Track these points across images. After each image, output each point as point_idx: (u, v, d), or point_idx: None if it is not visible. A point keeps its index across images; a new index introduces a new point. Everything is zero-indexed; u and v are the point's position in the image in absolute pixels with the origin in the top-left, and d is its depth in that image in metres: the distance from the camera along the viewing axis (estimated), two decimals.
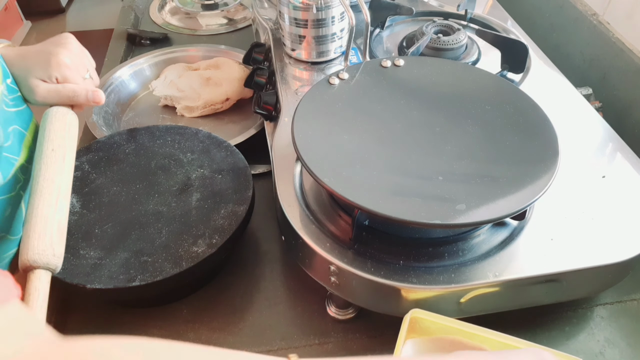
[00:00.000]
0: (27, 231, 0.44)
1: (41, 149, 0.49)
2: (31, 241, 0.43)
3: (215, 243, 0.52)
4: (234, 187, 0.57)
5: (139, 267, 0.50)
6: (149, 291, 0.50)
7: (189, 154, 0.62)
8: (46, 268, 0.43)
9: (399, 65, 0.59)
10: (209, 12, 1.10)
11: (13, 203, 0.50)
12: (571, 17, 0.83)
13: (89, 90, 0.54)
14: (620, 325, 0.52)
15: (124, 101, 0.84)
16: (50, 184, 0.47)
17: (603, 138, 0.58)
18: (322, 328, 0.53)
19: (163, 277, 0.49)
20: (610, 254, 0.46)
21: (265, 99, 0.65)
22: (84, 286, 0.48)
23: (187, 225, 0.54)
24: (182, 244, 0.52)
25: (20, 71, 0.51)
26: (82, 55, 0.56)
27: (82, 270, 0.49)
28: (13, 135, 0.50)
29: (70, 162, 0.51)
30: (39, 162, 0.48)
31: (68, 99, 0.53)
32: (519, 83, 0.67)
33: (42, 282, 0.43)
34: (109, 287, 0.48)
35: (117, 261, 0.50)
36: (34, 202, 0.46)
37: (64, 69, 0.52)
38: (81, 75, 0.55)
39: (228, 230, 0.53)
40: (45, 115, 0.52)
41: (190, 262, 0.50)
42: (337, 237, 0.48)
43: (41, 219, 0.45)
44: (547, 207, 0.50)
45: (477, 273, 0.45)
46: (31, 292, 0.41)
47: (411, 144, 0.49)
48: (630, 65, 0.70)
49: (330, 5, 0.65)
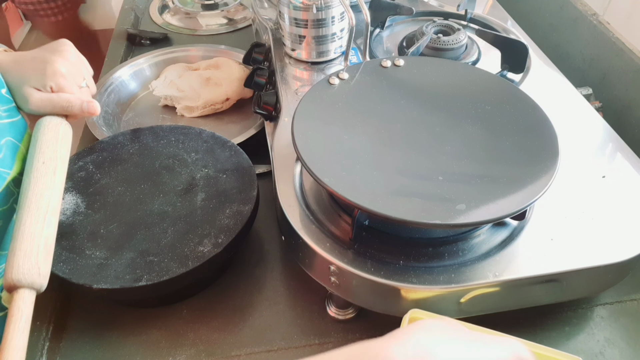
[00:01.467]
0: (13, 249, 0.42)
1: (32, 162, 0.48)
2: (16, 259, 0.42)
3: (220, 242, 0.52)
4: (238, 187, 0.57)
5: (145, 267, 0.50)
6: (156, 291, 0.50)
7: (193, 153, 0.62)
8: (30, 287, 0.42)
9: (399, 65, 0.59)
10: (209, 12, 1.10)
11: (5, 217, 0.50)
12: (571, 17, 0.83)
13: (84, 100, 0.53)
14: (620, 325, 0.52)
15: (124, 101, 0.84)
16: (39, 199, 0.45)
17: (603, 138, 0.58)
18: (322, 328, 0.53)
19: (169, 276, 0.49)
20: (610, 254, 0.46)
21: (265, 99, 0.65)
22: (90, 286, 0.48)
23: (192, 225, 0.54)
24: (187, 244, 0.52)
25: (15, 79, 0.50)
26: (79, 63, 0.55)
27: (88, 270, 0.49)
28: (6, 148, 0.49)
29: (62, 176, 0.49)
30: (28, 176, 0.47)
31: (62, 109, 0.52)
32: (519, 83, 0.67)
33: (26, 303, 0.41)
34: (115, 287, 0.48)
35: (123, 261, 0.50)
36: (22, 217, 0.44)
37: (59, 78, 0.51)
38: (77, 84, 0.54)
39: (233, 229, 0.53)
40: (37, 125, 0.50)
41: (197, 262, 0.50)
42: (337, 237, 0.48)
43: (28, 235, 0.43)
44: (547, 207, 0.50)
45: (477, 273, 0.45)
46: (14, 314, 0.40)
47: (411, 144, 0.49)
48: (630, 65, 0.70)
49: (330, 5, 0.65)
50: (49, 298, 0.54)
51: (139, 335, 0.53)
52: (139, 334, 0.53)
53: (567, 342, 0.51)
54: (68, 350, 0.52)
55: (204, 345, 0.52)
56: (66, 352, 0.52)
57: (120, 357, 0.51)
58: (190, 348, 0.52)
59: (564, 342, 0.51)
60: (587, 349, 0.50)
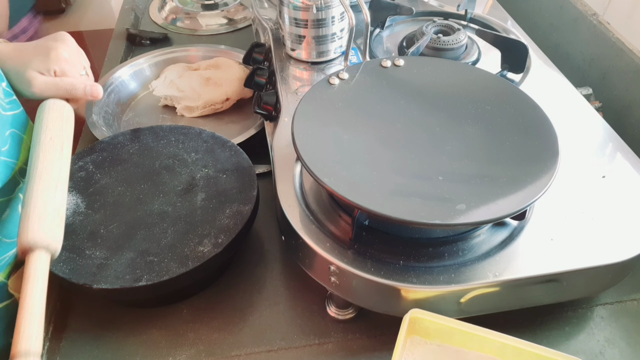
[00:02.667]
0: (27, 213, 0.42)
1: (38, 138, 0.48)
2: (31, 223, 0.41)
3: (221, 242, 0.52)
4: (238, 187, 0.57)
5: (145, 267, 0.50)
6: (156, 291, 0.50)
7: (193, 153, 0.62)
8: (46, 249, 0.42)
9: (399, 65, 0.59)
10: (209, 12, 1.10)
11: (11, 206, 0.50)
12: (571, 17, 0.83)
13: (87, 84, 0.54)
14: (620, 325, 0.52)
15: (124, 101, 0.84)
16: (49, 169, 0.46)
17: (603, 138, 0.58)
18: (322, 328, 0.53)
19: (169, 276, 0.49)
20: (610, 254, 0.46)
21: (265, 99, 0.65)
22: (90, 286, 0.48)
23: (192, 225, 0.54)
24: (187, 244, 0.52)
25: (18, 64, 0.51)
26: (79, 52, 0.57)
27: (88, 270, 0.49)
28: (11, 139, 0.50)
29: (68, 153, 0.49)
30: (36, 149, 0.47)
31: (66, 92, 0.53)
32: (519, 83, 0.67)
33: (43, 263, 0.41)
34: (115, 287, 0.48)
35: (123, 261, 0.50)
36: (33, 185, 0.44)
37: (63, 62, 0.52)
38: (78, 71, 0.55)
39: (234, 229, 0.53)
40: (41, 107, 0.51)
41: (197, 262, 0.50)
42: (337, 237, 0.48)
43: (41, 201, 0.43)
44: (547, 207, 0.50)
45: (477, 273, 0.45)
46: (31, 274, 0.40)
47: (411, 144, 0.49)
48: (630, 65, 0.70)
49: (330, 5, 0.65)
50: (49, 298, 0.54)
51: (139, 335, 0.53)
52: (139, 334, 0.53)
53: (567, 342, 0.51)
54: (68, 350, 0.52)
55: (204, 345, 0.52)
56: (66, 352, 0.52)
57: (120, 357, 0.51)
58: (190, 348, 0.52)
59: (564, 342, 0.51)
60: (587, 349, 0.50)
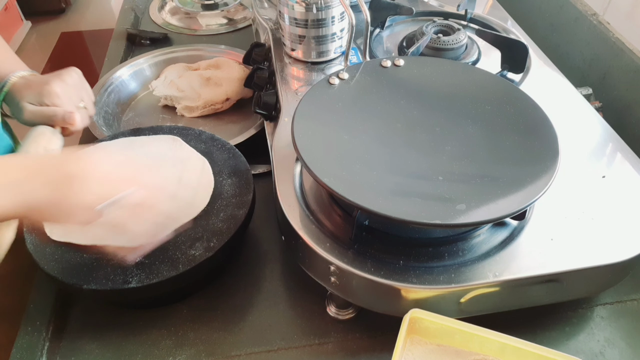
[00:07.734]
0: None
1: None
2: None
3: (213, 246, 0.51)
4: (234, 190, 0.57)
5: (136, 269, 0.49)
6: (145, 293, 0.49)
7: None
8: None
9: (399, 65, 0.59)
10: (209, 12, 1.10)
11: None
12: (571, 17, 0.83)
13: (66, 111, 0.59)
14: (620, 325, 0.52)
15: (124, 101, 0.84)
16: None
17: (603, 138, 0.58)
18: (322, 328, 0.53)
19: (159, 279, 0.49)
20: (610, 254, 0.46)
21: (265, 99, 0.65)
22: (80, 286, 0.48)
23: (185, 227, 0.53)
24: (179, 247, 0.51)
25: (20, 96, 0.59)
26: (79, 87, 0.62)
27: (79, 271, 0.49)
28: None
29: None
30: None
31: (48, 118, 0.58)
32: (519, 83, 0.67)
33: None
34: (105, 288, 0.48)
35: (114, 262, 0.50)
36: None
37: (54, 96, 0.58)
38: (74, 104, 0.60)
39: (226, 233, 0.52)
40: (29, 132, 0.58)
41: (187, 266, 0.50)
42: (337, 237, 0.48)
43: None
44: (547, 207, 0.50)
45: (477, 273, 0.45)
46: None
47: (411, 144, 0.49)
48: (630, 65, 0.70)
49: (330, 5, 0.65)
50: (49, 298, 0.54)
51: (139, 335, 0.53)
52: (139, 334, 0.53)
53: (567, 342, 0.51)
54: (68, 350, 0.52)
55: (204, 345, 0.52)
56: (66, 352, 0.52)
57: (120, 357, 0.51)
58: (190, 348, 0.52)
59: (564, 342, 0.51)
60: (587, 349, 0.50)
